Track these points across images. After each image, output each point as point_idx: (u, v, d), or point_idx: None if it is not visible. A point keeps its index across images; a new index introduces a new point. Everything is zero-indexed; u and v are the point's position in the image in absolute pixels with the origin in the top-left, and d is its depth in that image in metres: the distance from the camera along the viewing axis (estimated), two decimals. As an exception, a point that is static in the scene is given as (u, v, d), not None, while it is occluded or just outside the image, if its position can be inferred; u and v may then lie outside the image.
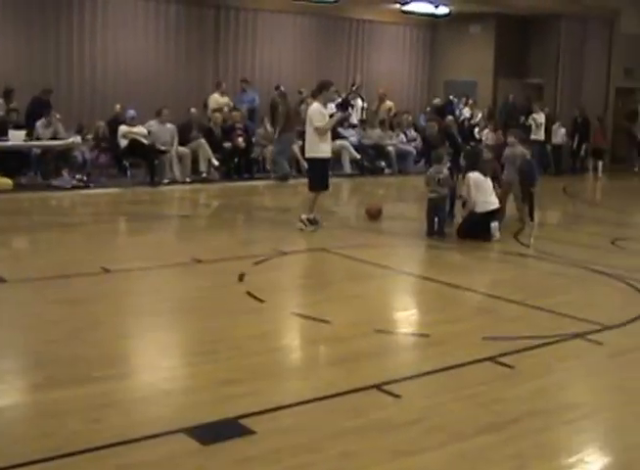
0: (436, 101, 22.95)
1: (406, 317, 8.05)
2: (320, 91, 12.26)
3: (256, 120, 19.87)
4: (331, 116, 12.63)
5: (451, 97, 23.43)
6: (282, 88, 19.77)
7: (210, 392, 5.51)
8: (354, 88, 21.77)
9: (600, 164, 23.07)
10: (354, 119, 21.19)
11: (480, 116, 22.82)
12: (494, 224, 11.71)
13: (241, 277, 8.79)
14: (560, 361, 6.50)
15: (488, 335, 7.04)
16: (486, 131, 19.92)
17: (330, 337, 6.91)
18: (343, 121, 19.11)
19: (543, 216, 14.63)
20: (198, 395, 5.47)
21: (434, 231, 11.89)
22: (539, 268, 10.37)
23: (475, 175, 11.71)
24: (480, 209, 11.63)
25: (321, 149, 11.91)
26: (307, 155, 12.26)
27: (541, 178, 14.45)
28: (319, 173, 12.05)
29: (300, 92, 20.91)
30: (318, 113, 11.86)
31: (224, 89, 19.88)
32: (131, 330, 7.11)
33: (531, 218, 13.19)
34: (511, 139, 13.41)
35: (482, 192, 11.65)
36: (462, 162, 12.99)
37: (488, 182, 11.79)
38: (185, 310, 7.72)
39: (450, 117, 18.86)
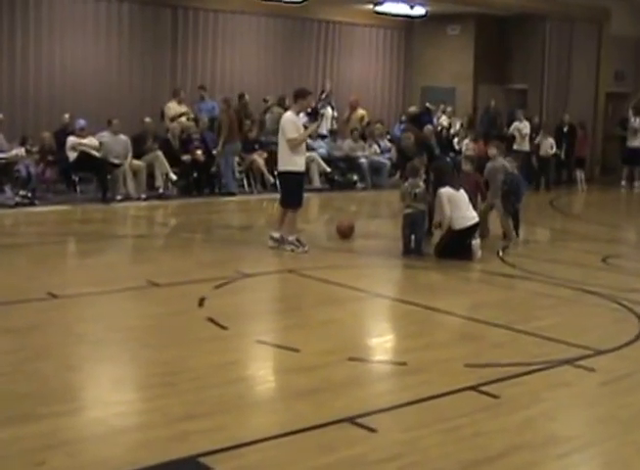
0: (412, 109, 22.99)
1: (382, 344, 8.04)
2: (296, 100, 12.24)
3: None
4: (305, 127, 12.59)
5: (428, 105, 23.48)
6: (246, 96, 19.75)
7: (167, 428, 5.45)
8: (324, 96, 21.75)
9: (582, 174, 23.04)
10: (324, 130, 21.17)
11: (459, 125, 22.95)
12: (476, 242, 11.71)
13: (201, 302, 8.74)
14: (548, 390, 6.50)
15: (471, 362, 7.04)
16: (466, 141, 20.12)
17: (299, 366, 6.88)
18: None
19: (529, 233, 14.69)
20: (153, 431, 5.41)
21: (411, 250, 11.90)
22: (525, 289, 10.39)
23: (446, 190, 11.67)
24: (458, 225, 11.59)
25: (295, 162, 11.86)
26: (280, 168, 12.20)
27: (527, 192, 14.53)
28: (293, 188, 12.01)
29: (266, 100, 20.93)
30: (291, 123, 11.80)
31: (182, 97, 19.78)
32: (80, 361, 7.02)
33: (516, 235, 13.26)
34: (492, 151, 13.48)
35: (458, 207, 11.63)
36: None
37: (462, 195, 11.75)
38: (140, 339, 7.65)
39: (429, 127, 18.91)
